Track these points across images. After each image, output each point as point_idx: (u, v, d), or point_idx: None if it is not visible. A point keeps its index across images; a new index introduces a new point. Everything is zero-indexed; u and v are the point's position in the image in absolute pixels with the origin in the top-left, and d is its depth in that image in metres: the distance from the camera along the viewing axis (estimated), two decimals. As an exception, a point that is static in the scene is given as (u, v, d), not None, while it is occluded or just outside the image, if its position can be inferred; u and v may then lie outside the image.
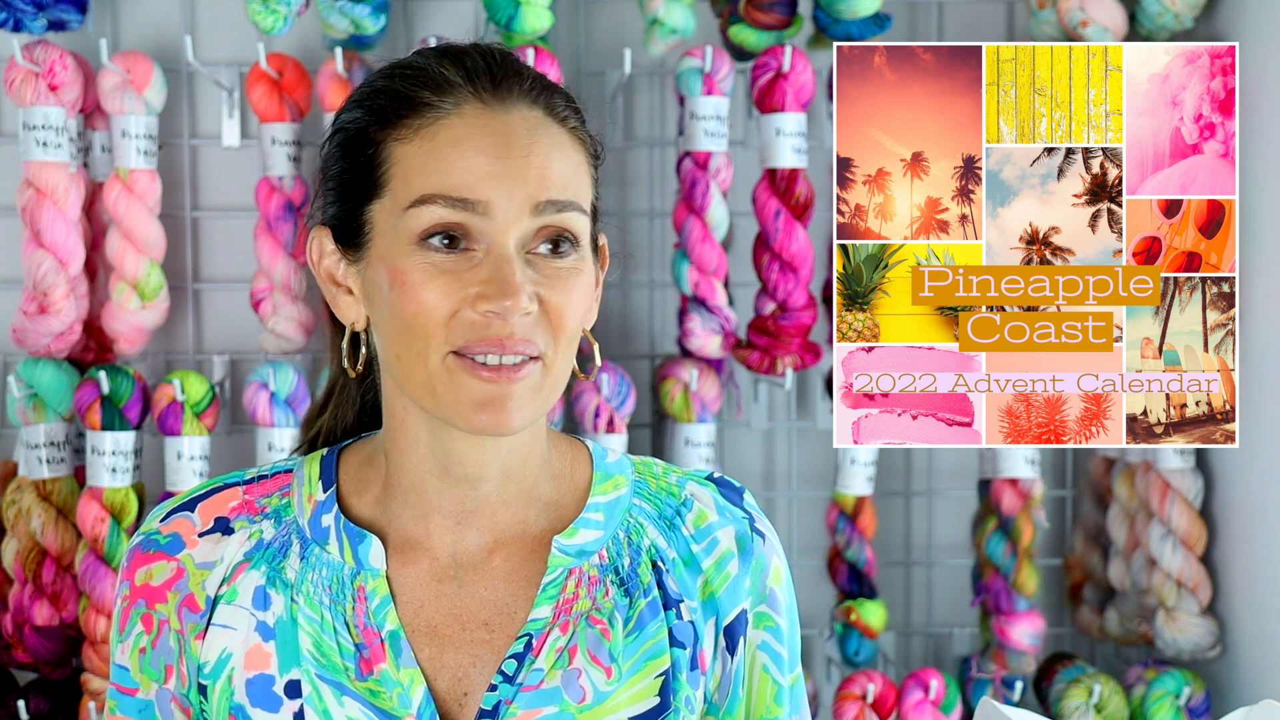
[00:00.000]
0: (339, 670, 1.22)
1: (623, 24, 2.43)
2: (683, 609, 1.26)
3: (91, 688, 2.14)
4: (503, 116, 1.19)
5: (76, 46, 2.26)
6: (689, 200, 2.23)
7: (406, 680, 1.22)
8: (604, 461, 1.31)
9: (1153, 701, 2.27)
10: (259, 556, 1.25)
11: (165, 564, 1.25)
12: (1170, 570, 2.31)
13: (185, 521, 1.27)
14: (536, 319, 1.18)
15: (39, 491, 2.17)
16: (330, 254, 1.25)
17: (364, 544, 1.25)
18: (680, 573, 1.27)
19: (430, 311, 1.16)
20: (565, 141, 1.21)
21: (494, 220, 1.17)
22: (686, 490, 1.31)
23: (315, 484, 1.28)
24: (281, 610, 1.24)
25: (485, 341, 1.16)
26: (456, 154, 1.17)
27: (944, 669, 2.45)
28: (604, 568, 1.26)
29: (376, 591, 1.24)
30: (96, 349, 2.27)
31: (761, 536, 1.30)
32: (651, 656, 1.25)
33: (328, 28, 2.19)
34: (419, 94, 1.19)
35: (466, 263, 1.17)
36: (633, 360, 2.46)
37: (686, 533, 1.29)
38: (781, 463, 2.53)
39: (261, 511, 1.27)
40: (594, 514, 1.28)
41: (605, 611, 1.25)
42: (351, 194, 1.22)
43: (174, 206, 2.37)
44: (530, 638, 1.23)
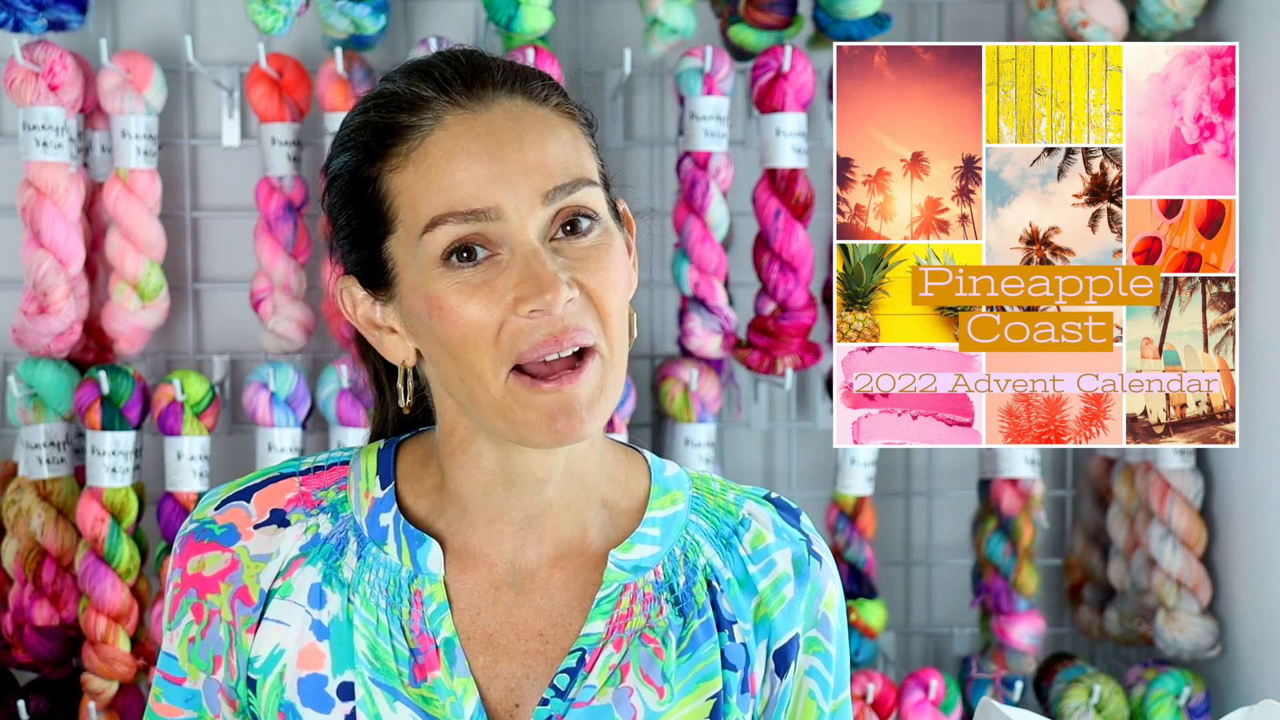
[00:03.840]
0: (393, 675, 1.21)
1: (623, 24, 2.43)
2: (736, 630, 1.25)
3: (91, 688, 2.14)
4: (484, 115, 1.17)
5: (76, 46, 2.26)
6: (689, 200, 2.23)
7: (460, 689, 1.21)
8: (662, 475, 1.29)
9: (1153, 701, 2.27)
10: (315, 552, 1.23)
11: (219, 554, 1.23)
12: (1170, 570, 2.31)
13: (241, 511, 1.25)
14: (582, 305, 1.16)
15: (39, 491, 2.17)
16: (363, 300, 1.23)
17: (423, 547, 1.23)
18: (735, 593, 1.26)
19: (479, 329, 1.15)
20: (553, 120, 1.19)
21: (508, 222, 1.15)
22: (744, 509, 1.29)
23: (373, 479, 1.26)
24: (337, 610, 1.22)
25: (542, 345, 1.14)
26: (452, 167, 1.16)
27: (944, 669, 2.45)
28: (659, 585, 1.25)
29: (434, 597, 1.22)
30: (96, 349, 2.27)
31: (819, 560, 1.28)
32: (704, 678, 1.23)
33: (328, 28, 2.19)
34: (397, 119, 1.18)
35: (496, 270, 1.15)
36: (633, 360, 2.46)
37: (743, 553, 1.27)
38: (781, 463, 2.53)
39: (318, 504, 1.25)
40: (651, 529, 1.26)
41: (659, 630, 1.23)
42: (365, 237, 1.20)
43: (174, 206, 2.37)
44: (583, 652, 1.22)
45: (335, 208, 1.23)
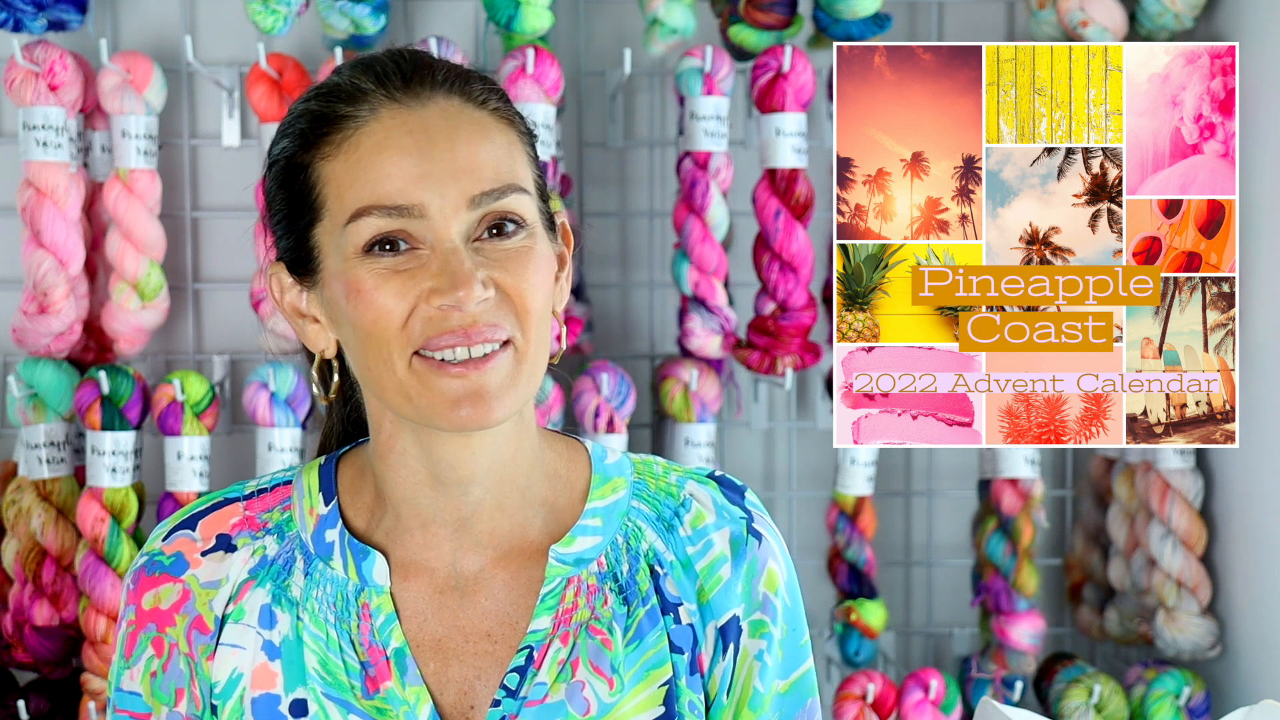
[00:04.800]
0: (345, 688, 1.22)
1: (623, 24, 2.43)
2: (681, 612, 1.25)
3: (91, 688, 2.14)
4: (420, 112, 1.17)
5: (76, 46, 2.26)
6: (689, 200, 2.23)
7: (413, 698, 1.21)
8: (603, 463, 1.30)
9: (1153, 701, 2.27)
10: (264, 574, 1.24)
11: (172, 586, 1.25)
12: (1170, 570, 2.31)
13: (187, 540, 1.26)
14: (497, 303, 1.16)
15: (39, 491, 2.17)
16: (290, 287, 1.24)
17: (368, 560, 1.24)
18: (679, 575, 1.26)
19: (388, 314, 1.16)
20: (489, 124, 1.19)
21: (431, 221, 1.16)
22: (686, 490, 1.29)
23: (315, 496, 1.27)
24: (287, 629, 1.23)
25: (449, 334, 1.15)
26: (381, 160, 1.16)
27: (944, 669, 2.45)
28: (603, 575, 1.25)
29: (381, 609, 1.23)
30: (96, 349, 2.27)
31: (758, 538, 1.28)
32: (653, 666, 1.24)
33: (328, 28, 2.19)
34: (335, 109, 1.18)
35: (416, 262, 1.16)
36: (633, 360, 2.46)
37: (684, 534, 1.27)
38: (781, 463, 2.53)
39: (263, 527, 1.26)
40: (592, 520, 1.26)
41: (605, 621, 1.24)
42: (295, 223, 1.22)
43: (174, 206, 2.37)
44: (531, 650, 1.23)
45: (271, 192, 1.24)
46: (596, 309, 2.43)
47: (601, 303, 2.45)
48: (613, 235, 2.47)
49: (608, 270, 2.47)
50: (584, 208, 2.44)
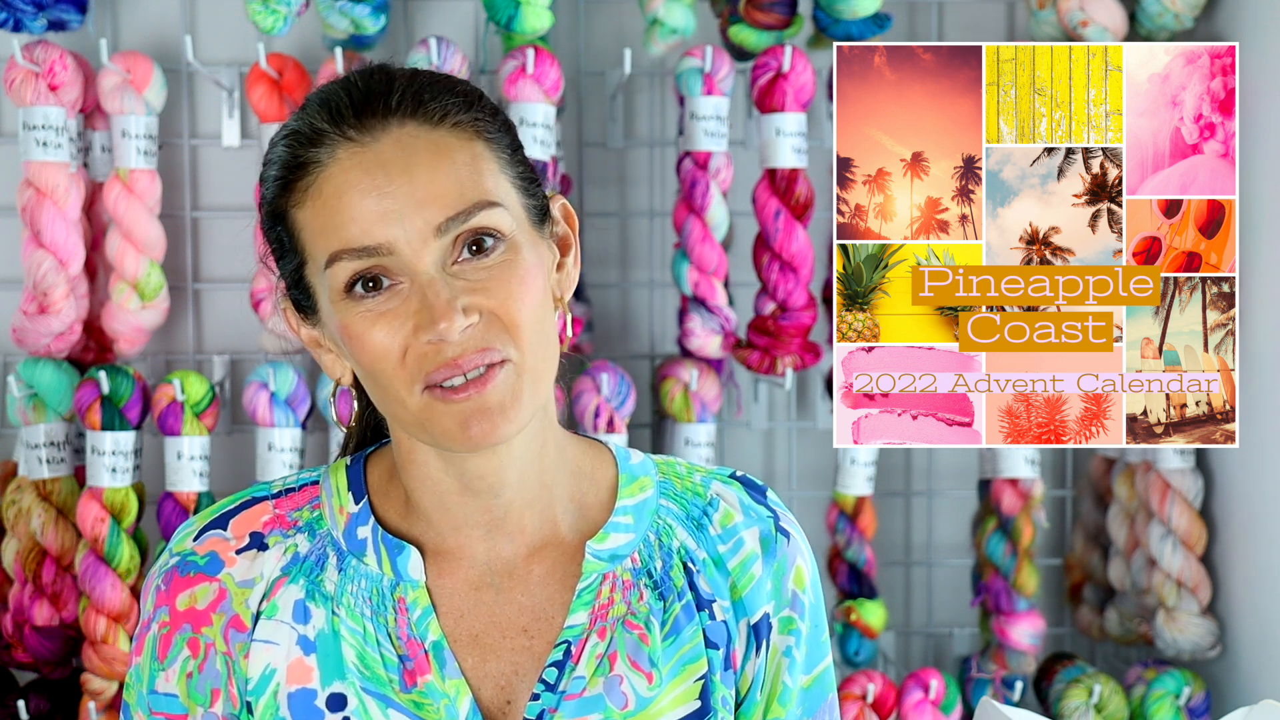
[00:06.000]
0: (383, 682, 1.22)
1: (623, 24, 2.43)
2: (715, 609, 1.27)
3: (91, 688, 2.14)
4: (373, 148, 1.17)
5: (76, 46, 2.26)
6: (689, 200, 2.23)
7: (453, 691, 1.22)
8: (628, 463, 1.31)
9: (1153, 701, 2.27)
10: (296, 570, 1.25)
11: (208, 585, 1.24)
12: (1170, 570, 2.31)
13: (220, 540, 1.26)
14: (485, 325, 1.16)
15: (39, 491, 2.17)
16: (302, 322, 1.26)
17: (402, 555, 1.24)
18: (711, 573, 1.27)
19: (385, 353, 1.16)
20: (448, 144, 1.18)
21: (401, 256, 1.15)
22: (712, 490, 1.31)
23: (345, 496, 1.28)
24: (323, 623, 1.23)
25: (444, 366, 1.15)
26: (344, 204, 1.16)
27: (944, 669, 2.45)
28: (637, 571, 1.26)
29: (418, 603, 1.24)
30: (96, 349, 2.27)
31: (786, 536, 1.30)
32: (690, 660, 1.25)
33: (328, 28, 2.19)
34: (298, 154, 1.19)
35: (399, 298, 1.16)
36: (633, 360, 2.46)
37: (714, 532, 1.29)
38: (781, 463, 2.53)
39: (294, 525, 1.27)
40: (623, 517, 1.27)
41: (641, 616, 1.25)
42: (288, 265, 1.23)
43: (174, 206, 2.37)
44: (569, 644, 1.24)
45: (265, 233, 1.25)
46: (596, 309, 2.43)
47: (601, 303, 2.45)
48: (613, 235, 2.47)
49: (608, 270, 2.47)
50: (584, 208, 2.44)
